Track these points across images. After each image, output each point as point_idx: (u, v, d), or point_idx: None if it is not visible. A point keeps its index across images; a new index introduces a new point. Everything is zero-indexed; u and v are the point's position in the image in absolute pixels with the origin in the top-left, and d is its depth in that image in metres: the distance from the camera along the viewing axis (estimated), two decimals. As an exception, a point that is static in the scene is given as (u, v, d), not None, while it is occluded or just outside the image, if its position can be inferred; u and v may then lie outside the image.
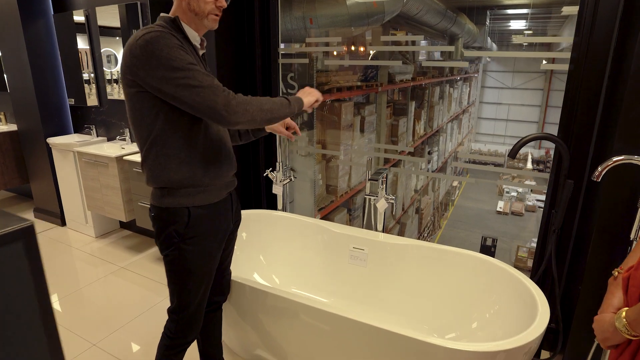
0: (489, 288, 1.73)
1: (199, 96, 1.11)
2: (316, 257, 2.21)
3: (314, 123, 3.89)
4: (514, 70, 16.14)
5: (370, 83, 4.70)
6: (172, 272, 1.35)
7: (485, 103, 16.81)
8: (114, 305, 2.46)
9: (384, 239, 2.03)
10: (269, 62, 2.55)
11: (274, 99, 1.27)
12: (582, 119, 1.65)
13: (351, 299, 2.11)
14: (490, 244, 8.77)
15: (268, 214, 2.33)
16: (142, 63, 1.11)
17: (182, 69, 1.10)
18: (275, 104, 1.25)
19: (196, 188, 1.29)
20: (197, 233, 1.31)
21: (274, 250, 2.30)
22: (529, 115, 15.94)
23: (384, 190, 2.06)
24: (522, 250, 8.80)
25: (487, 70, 16.44)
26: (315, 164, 3.73)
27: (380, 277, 2.05)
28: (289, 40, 4.02)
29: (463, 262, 1.83)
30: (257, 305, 1.69)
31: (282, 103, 1.28)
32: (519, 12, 10.06)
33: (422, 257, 1.94)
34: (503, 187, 12.13)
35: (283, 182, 2.40)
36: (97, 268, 2.92)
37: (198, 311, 1.42)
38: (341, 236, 2.12)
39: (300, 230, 2.26)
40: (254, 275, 2.24)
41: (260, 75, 2.55)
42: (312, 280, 2.22)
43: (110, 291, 2.62)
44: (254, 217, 2.30)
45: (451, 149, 9.38)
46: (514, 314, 1.55)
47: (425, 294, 1.94)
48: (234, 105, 1.14)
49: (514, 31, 12.85)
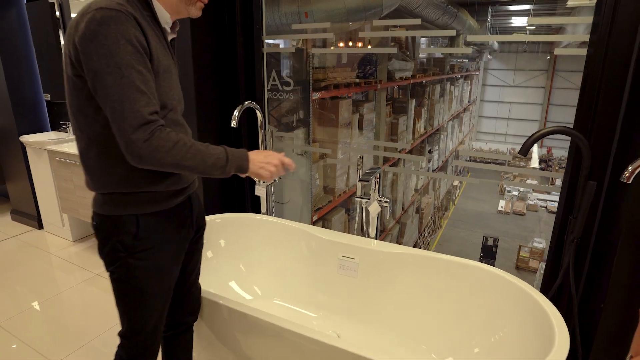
0: (497, 306, 1.51)
1: (116, 113, 0.92)
2: (302, 265, 2.00)
3: (310, 120, 3.71)
4: (515, 68, 15.95)
5: (369, 80, 4.52)
6: (120, 292, 1.13)
7: (486, 101, 16.63)
8: (80, 319, 2.24)
9: (377, 246, 1.80)
10: (252, 51, 2.33)
11: (205, 156, 1.02)
12: (603, 110, 1.43)
13: (340, 313, 1.89)
14: (492, 244, 8.59)
15: (248, 218, 2.10)
16: (83, 42, 0.90)
17: (117, 70, 0.90)
18: (202, 163, 1.01)
19: (147, 193, 1.08)
20: (149, 245, 1.09)
21: (255, 257, 2.08)
22: (530, 114, 15.75)
23: (376, 192, 1.84)
24: (524, 250, 8.61)
25: (488, 68, 16.26)
26: (311, 163, 3.54)
27: (373, 290, 1.83)
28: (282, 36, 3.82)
29: (467, 275, 1.61)
30: (234, 325, 1.47)
31: (214, 164, 1.03)
32: (520, 9, 9.85)
33: (421, 267, 1.71)
34: (504, 186, 11.94)
35: (267, 183, 2.18)
36: (70, 275, 2.70)
37: (153, 336, 1.20)
38: (329, 243, 1.90)
39: (284, 236, 2.04)
40: (232, 283, 2.02)
41: (242, 65, 2.33)
42: (297, 292, 2.01)
43: (80, 302, 2.40)
44: (232, 222, 2.07)
45: (452, 147, 9.18)
46: (525, 338, 1.33)
47: (423, 309, 1.72)
48: (145, 148, 0.93)
49: (515, 28, 12.64)
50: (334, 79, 3.71)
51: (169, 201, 1.13)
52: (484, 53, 12.51)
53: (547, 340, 1.19)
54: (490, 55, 14.35)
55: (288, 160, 1.17)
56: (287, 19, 3.41)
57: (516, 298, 1.43)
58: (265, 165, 1.11)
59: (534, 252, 8.47)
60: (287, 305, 2.00)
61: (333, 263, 1.90)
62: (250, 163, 1.10)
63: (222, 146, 1.07)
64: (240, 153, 1.09)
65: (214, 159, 1.03)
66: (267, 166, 1.12)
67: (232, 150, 1.08)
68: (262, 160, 1.11)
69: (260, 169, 1.11)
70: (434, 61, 7.56)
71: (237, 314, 1.43)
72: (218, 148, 1.05)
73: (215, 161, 1.03)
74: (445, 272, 1.67)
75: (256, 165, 1.10)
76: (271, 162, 1.12)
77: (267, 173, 1.12)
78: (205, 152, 1.02)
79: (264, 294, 2.04)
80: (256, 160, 1.11)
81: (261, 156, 1.12)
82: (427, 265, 1.70)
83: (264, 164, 1.11)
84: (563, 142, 15.03)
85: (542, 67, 15.30)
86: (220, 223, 2.04)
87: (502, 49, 15.44)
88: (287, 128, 3.49)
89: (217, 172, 1.04)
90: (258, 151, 1.13)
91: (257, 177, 1.12)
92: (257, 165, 1.11)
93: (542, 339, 1.22)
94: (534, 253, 8.47)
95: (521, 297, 1.42)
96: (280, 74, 3.06)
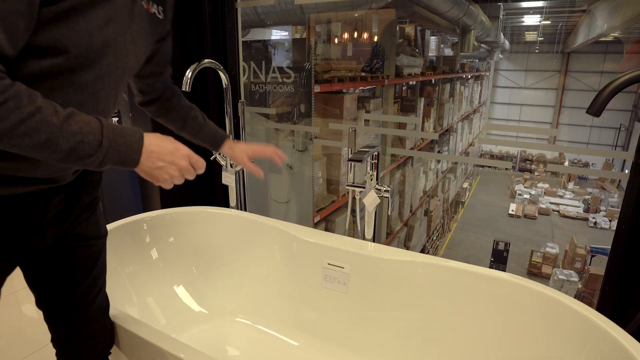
0: (545, 340, 1.10)
1: None
2: (275, 274, 1.58)
3: (312, 114, 3.52)
4: (526, 69, 15.64)
5: (375, 75, 4.31)
6: None
7: (496, 103, 16.34)
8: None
9: (375, 251, 1.37)
10: (222, 5, 1.94)
11: (58, 135, 0.62)
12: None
13: (326, 339, 1.48)
14: (503, 248, 8.34)
15: (208, 212, 1.67)
16: None
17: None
18: (48, 147, 0.62)
19: None
20: None
21: (213, 260, 1.67)
22: (542, 116, 15.43)
23: (374, 178, 1.41)
24: (537, 255, 8.34)
25: (499, 69, 15.98)
26: (313, 160, 3.35)
27: (368, 309, 1.40)
28: (283, 23, 3.64)
29: (500, 293, 1.19)
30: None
31: (73, 153, 0.64)
32: (534, 5, 9.59)
33: (433, 280, 1.29)
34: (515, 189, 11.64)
35: (236, 168, 1.74)
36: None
37: None
38: (312, 246, 1.46)
39: (254, 235, 1.63)
40: (178, 288, 1.60)
41: (208, 23, 1.93)
42: (268, 308, 1.58)
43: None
44: (187, 217, 1.65)
45: (461, 149, 8.94)
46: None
47: (435, 337, 1.31)
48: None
49: (527, 27, 12.37)
50: (338, 71, 3.53)
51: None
52: (495, 52, 12.24)
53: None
54: (501, 54, 14.07)
55: (201, 161, 0.78)
56: (288, 5, 3.22)
57: (575, 329, 1.04)
58: (166, 166, 0.73)
59: (546, 258, 8.21)
60: (255, 325, 1.57)
61: (317, 272, 1.47)
62: (144, 157, 0.71)
63: (98, 119, 0.67)
64: (128, 139, 0.69)
65: (75, 142, 0.63)
66: (169, 168, 0.73)
67: (115, 129, 0.68)
68: (165, 157, 0.72)
69: (157, 169, 0.72)
70: (443, 59, 7.36)
71: (151, 348, 0.99)
72: (91, 123, 0.65)
73: (75, 146, 0.63)
74: (468, 287, 1.24)
75: (153, 162, 0.72)
76: (176, 163, 0.74)
77: (165, 177, 0.74)
78: (61, 129, 0.62)
79: (224, 309, 1.60)
80: (154, 156, 0.72)
81: (166, 150, 0.73)
82: (443, 279, 1.28)
83: (164, 164, 0.73)
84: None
85: (554, 67, 14.99)
86: (169, 220, 1.62)
87: (513, 49, 15.16)
88: (287, 122, 3.30)
89: (79, 163, 0.65)
90: (163, 139, 0.74)
91: (150, 179, 0.74)
92: (154, 163, 0.72)
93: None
94: (546, 258, 8.21)
95: (582, 327, 1.02)
96: (282, 69, 2.87)
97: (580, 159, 13.89)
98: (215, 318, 1.60)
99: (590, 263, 7.00)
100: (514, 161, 14.51)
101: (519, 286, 1.17)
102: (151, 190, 2.19)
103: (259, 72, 2.88)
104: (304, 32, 3.46)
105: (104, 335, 1.02)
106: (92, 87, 0.73)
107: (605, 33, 7.72)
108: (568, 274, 6.60)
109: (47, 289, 0.92)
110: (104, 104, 0.78)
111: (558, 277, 6.50)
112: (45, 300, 0.94)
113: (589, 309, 1.05)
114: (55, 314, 0.95)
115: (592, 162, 13.56)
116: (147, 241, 1.58)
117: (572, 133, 14.83)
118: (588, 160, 13.63)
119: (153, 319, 1.48)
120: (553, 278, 6.73)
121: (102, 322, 1.02)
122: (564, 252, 8.18)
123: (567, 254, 7.85)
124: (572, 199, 11.36)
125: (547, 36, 14.08)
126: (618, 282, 1.26)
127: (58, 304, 0.94)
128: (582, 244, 7.58)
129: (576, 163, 13.49)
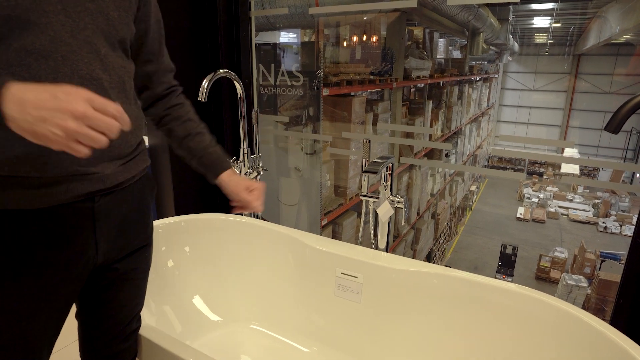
0: (557, 356, 1.10)
1: None
2: (289, 282, 1.61)
3: (321, 118, 3.53)
4: (535, 71, 15.53)
5: (384, 77, 4.31)
6: None
7: (505, 106, 16.24)
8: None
9: (388, 261, 1.39)
10: (237, 14, 1.99)
11: None
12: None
13: (338, 347, 1.49)
14: (511, 252, 8.27)
15: (223, 219, 1.69)
16: None
17: None
18: None
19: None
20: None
21: (228, 269, 1.70)
22: (551, 119, 15.31)
23: (388, 188, 1.44)
24: (545, 260, 8.27)
25: (508, 71, 15.88)
26: (321, 163, 3.35)
27: (381, 319, 1.43)
28: (293, 26, 3.65)
29: (515, 306, 1.18)
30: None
31: None
32: (544, 8, 9.53)
33: (448, 293, 1.28)
34: (523, 192, 11.56)
35: (249, 176, 1.83)
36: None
37: None
38: (325, 255, 1.49)
39: (267, 243, 1.66)
40: (195, 299, 1.65)
41: (223, 32, 1.98)
42: (282, 315, 1.61)
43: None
44: (201, 224, 1.67)
45: (469, 152, 8.90)
46: None
47: (447, 350, 1.30)
48: None
49: (537, 29, 12.28)
50: (346, 74, 3.53)
51: (28, 195, 0.66)
52: (504, 54, 12.16)
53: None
54: (510, 57, 13.98)
55: (112, 105, 0.56)
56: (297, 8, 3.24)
57: (594, 348, 1.01)
58: (50, 116, 0.52)
59: (555, 262, 8.14)
60: (269, 332, 1.60)
61: (330, 282, 1.50)
62: (14, 108, 0.53)
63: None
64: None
65: None
66: (55, 117, 0.52)
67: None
68: (45, 103, 0.52)
69: (39, 123, 0.52)
70: (452, 61, 7.33)
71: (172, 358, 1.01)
72: None
73: None
74: (488, 303, 1.22)
75: (29, 114, 0.52)
76: (65, 108, 0.52)
77: (53, 131, 0.52)
78: None
79: (238, 316, 1.64)
80: (30, 105, 0.52)
81: (46, 93, 0.53)
82: (461, 293, 1.27)
83: (47, 114, 0.52)
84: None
85: (564, 70, 14.86)
86: (184, 227, 1.66)
87: (522, 52, 15.06)
88: (296, 125, 3.31)
89: None
90: (44, 85, 0.54)
91: (36, 139, 0.54)
92: (31, 114, 0.52)
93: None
94: (555, 263, 8.14)
95: (602, 347, 0.99)
96: (290, 72, 2.87)
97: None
98: (229, 324, 1.63)
99: (600, 268, 6.91)
100: (522, 164, 14.41)
101: (533, 299, 1.16)
102: (165, 195, 2.21)
103: (268, 75, 2.88)
104: (313, 35, 3.46)
105: (131, 351, 1.03)
106: (51, 56, 0.63)
107: (617, 36, 7.65)
108: (577, 279, 6.51)
109: (90, 306, 0.92)
110: (78, 79, 0.65)
111: (567, 282, 6.41)
112: (85, 315, 0.94)
113: (604, 323, 1.04)
114: (90, 326, 0.95)
115: (602, 167, 13.42)
116: (162, 249, 1.60)
117: (582, 136, 14.69)
118: (598, 166, 13.51)
119: (169, 327, 1.50)
120: (562, 283, 6.65)
121: (133, 340, 1.02)
122: (573, 256, 8.09)
123: (577, 259, 7.76)
124: (582, 202, 11.25)
125: (557, 38, 13.97)
126: (634, 295, 1.25)
127: (96, 323, 0.93)
128: (592, 249, 7.51)
129: (585, 168, 13.36)
